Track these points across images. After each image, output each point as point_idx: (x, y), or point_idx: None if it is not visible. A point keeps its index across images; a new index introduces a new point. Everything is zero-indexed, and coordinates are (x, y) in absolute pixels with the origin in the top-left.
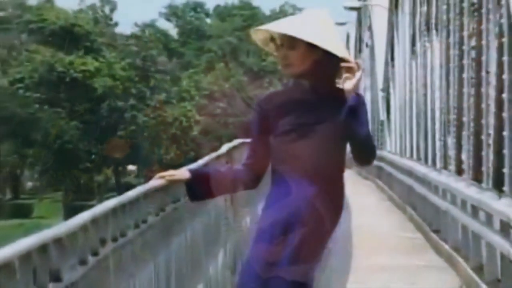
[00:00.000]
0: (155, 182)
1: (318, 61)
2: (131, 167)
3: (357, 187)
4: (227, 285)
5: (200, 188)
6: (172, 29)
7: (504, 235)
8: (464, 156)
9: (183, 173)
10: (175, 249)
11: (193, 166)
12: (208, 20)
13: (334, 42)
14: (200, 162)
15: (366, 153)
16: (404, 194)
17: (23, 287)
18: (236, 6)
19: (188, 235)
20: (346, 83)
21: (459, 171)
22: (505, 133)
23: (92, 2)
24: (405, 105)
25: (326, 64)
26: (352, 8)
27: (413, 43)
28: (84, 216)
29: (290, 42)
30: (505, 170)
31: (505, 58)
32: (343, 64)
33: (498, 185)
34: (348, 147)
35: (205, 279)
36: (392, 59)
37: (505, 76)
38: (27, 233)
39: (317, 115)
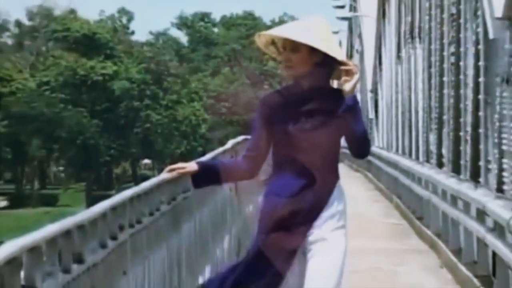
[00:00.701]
0: (166, 174)
1: (318, 64)
2: (146, 161)
3: (348, 179)
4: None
5: (204, 177)
6: (182, 37)
7: (480, 221)
8: (444, 151)
9: (191, 165)
10: (185, 234)
11: (201, 159)
12: (215, 29)
13: (334, 47)
14: (208, 156)
15: (362, 148)
16: (390, 184)
17: (49, 268)
18: (240, 16)
19: (197, 222)
20: (345, 85)
21: (440, 164)
22: (481, 130)
23: (111, 13)
24: (391, 105)
25: (324, 67)
26: (344, 18)
27: (398, 50)
28: (104, 205)
29: (293, 45)
30: (481, 163)
31: (481, 63)
32: (342, 67)
33: (474, 177)
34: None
35: (212, 261)
36: (380, 64)
37: (481, 79)
38: (53, 220)
39: (314, 113)
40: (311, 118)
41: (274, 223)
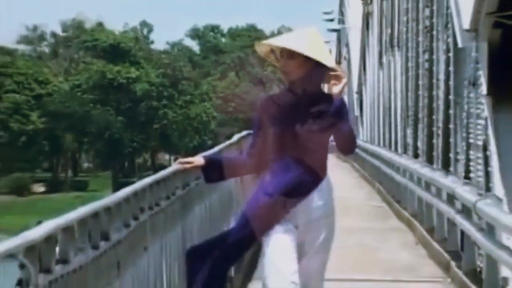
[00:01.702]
0: (176, 167)
1: (311, 69)
2: (162, 156)
3: (337, 168)
4: None
5: (213, 173)
6: (195, 46)
7: (450, 204)
8: (419, 144)
9: (199, 159)
10: (197, 215)
11: (207, 153)
12: (223, 39)
13: (325, 55)
14: (216, 148)
15: (349, 145)
16: (373, 173)
17: (80, 245)
18: (244, 28)
19: (207, 205)
20: (334, 88)
21: (416, 155)
22: (451, 126)
23: (133, 25)
24: (374, 104)
25: (316, 72)
26: (333, 30)
27: (380, 57)
28: (127, 190)
29: (289, 53)
30: (451, 155)
31: (451, 69)
32: (332, 73)
33: (445, 166)
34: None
35: None
36: (364, 69)
37: (450, 82)
38: (84, 203)
39: (307, 113)
40: (304, 118)
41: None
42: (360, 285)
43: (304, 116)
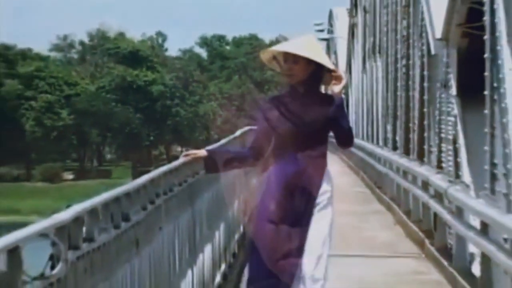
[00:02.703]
0: (182, 159)
1: (313, 72)
2: (175, 148)
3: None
4: (240, 224)
5: (213, 164)
6: (203, 53)
7: (424, 190)
8: (397, 137)
9: (201, 152)
10: (205, 200)
11: (211, 147)
12: (228, 47)
13: (325, 58)
14: (221, 142)
15: (348, 139)
16: (358, 163)
17: (104, 225)
18: (247, 37)
19: (215, 191)
20: (335, 88)
21: (394, 148)
22: (425, 122)
23: (150, 35)
24: (358, 104)
25: (317, 74)
26: (323, 39)
27: (364, 62)
28: (145, 178)
29: (294, 58)
30: (425, 147)
31: (425, 73)
32: (333, 74)
33: (420, 157)
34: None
35: (226, 219)
36: (350, 73)
37: (425, 84)
38: (107, 189)
39: (308, 112)
40: (307, 115)
41: (272, 205)
42: (346, 259)
43: (307, 113)
